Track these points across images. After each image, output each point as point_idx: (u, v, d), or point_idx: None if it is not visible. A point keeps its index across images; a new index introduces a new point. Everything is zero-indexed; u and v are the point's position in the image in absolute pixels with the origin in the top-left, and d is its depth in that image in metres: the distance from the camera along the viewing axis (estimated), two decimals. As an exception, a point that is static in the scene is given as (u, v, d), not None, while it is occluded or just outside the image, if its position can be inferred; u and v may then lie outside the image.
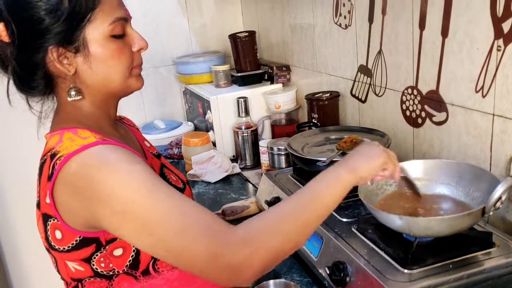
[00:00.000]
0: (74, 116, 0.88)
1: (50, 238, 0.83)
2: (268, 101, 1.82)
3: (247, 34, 1.94)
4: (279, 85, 1.90)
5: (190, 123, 2.14)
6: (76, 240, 0.80)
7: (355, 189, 1.06)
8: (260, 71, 1.96)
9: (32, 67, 0.83)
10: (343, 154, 1.21)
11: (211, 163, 1.76)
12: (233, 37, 1.95)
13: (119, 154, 0.77)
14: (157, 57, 2.19)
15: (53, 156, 0.79)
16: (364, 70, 1.44)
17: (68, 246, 0.81)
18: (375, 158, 0.86)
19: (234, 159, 1.84)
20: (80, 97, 0.86)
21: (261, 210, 1.38)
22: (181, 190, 0.96)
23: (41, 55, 0.82)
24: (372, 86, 1.41)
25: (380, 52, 1.34)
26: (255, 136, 1.79)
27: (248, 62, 1.96)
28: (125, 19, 0.87)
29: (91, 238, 0.80)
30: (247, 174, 1.74)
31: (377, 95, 1.40)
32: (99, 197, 0.73)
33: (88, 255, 0.81)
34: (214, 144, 1.88)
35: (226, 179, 1.72)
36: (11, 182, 2.09)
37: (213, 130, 1.87)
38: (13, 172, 2.07)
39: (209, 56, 2.12)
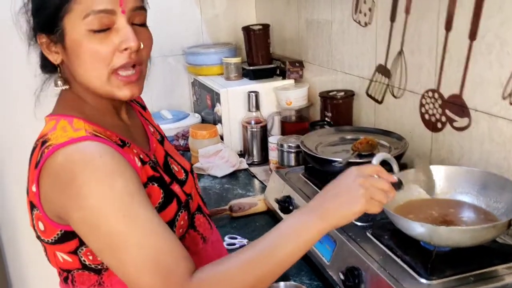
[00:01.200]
0: (77, 101, 0.84)
1: (35, 228, 0.81)
2: (279, 96, 1.78)
3: (261, 27, 1.90)
4: (291, 81, 1.86)
5: (197, 114, 2.10)
6: (58, 234, 0.78)
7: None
8: (272, 65, 1.92)
9: (41, 52, 0.84)
10: (359, 155, 1.18)
11: (218, 157, 1.72)
12: (247, 30, 1.91)
13: (105, 158, 0.74)
14: (166, 46, 2.14)
15: (43, 143, 0.77)
16: (382, 70, 1.40)
17: (52, 239, 0.79)
18: (353, 203, 0.74)
19: (241, 154, 1.80)
20: (67, 86, 0.84)
21: (269, 208, 1.35)
22: (183, 182, 0.92)
23: (34, 40, 0.82)
24: (390, 87, 1.37)
25: (401, 52, 1.30)
26: (264, 132, 1.75)
27: (260, 55, 1.91)
28: (110, 11, 0.76)
29: (73, 232, 0.77)
30: (254, 170, 1.70)
31: (394, 96, 1.36)
32: (74, 199, 0.72)
33: (73, 248, 0.79)
34: (221, 137, 1.84)
35: (233, 174, 1.68)
36: (13, 171, 2.06)
37: (221, 123, 1.83)
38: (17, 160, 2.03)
39: (220, 47, 2.08)
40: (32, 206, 0.80)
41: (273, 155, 1.63)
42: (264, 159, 1.74)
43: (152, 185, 0.82)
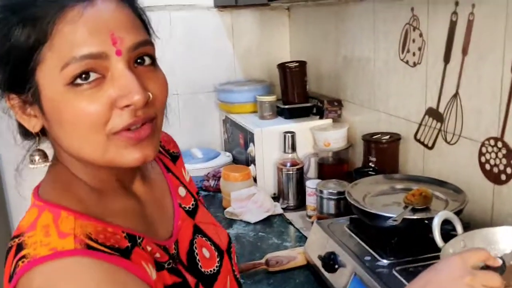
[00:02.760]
0: (68, 180, 0.64)
1: None
2: (317, 137, 1.68)
3: (297, 64, 1.82)
4: (329, 121, 1.76)
5: (228, 153, 2.01)
6: None
7: (433, 249, 0.91)
8: (308, 104, 1.83)
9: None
10: (414, 210, 1.06)
11: (251, 201, 1.62)
12: (282, 67, 1.83)
13: (98, 285, 0.54)
14: (197, 82, 2.08)
15: (18, 248, 0.57)
16: (433, 113, 1.29)
17: None
18: None
19: (275, 198, 1.70)
20: (47, 163, 0.63)
21: (309, 262, 1.23)
22: (213, 277, 0.74)
23: (4, 102, 0.61)
24: (443, 132, 1.26)
25: (456, 95, 1.19)
26: (301, 175, 1.64)
27: (296, 93, 1.83)
28: (100, 55, 0.56)
29: None
30: (290, 216, 1.59)
31: (448, 142, 1.25)
32: None
33: None
34: (254, 179, 1.74)
35: (267, 220, 1.57)
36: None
37: (254, 164, 1.74)
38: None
39: (254, 85, 2.00)
40: None
41: (310, 201, 1.52)
42: (300, 204, 1.63)
43: None
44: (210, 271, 0.75)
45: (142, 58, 0.60)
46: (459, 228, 0.89)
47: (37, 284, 0.54)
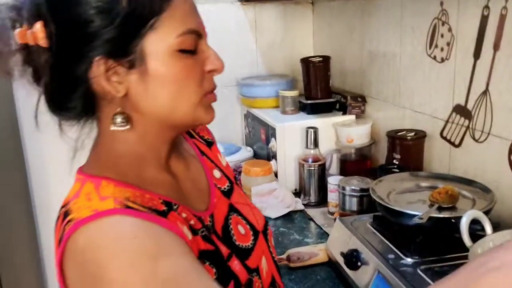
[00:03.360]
0: (111, 153, 0.69)
1: None
2: (340, 133, 1.66)
3: (321, 59, 1.80)
4: (352, 117, 1.74)
5: (249, 148, 2.00)
6: None
7: (458, 249, 0.89)
8: (332, 99, 1.81)
9: (71, 82, 0.64)
10: (439, 208, 1.04)
11: (272, 197, 1.61)
12: (306, 62, 1.81)
13: (139, 238, 0.58)
14: (219, 76, 2.07)
15: (65, 214, 0.62)
16: (461, 110, 1.26)
17: None
18: None
19: (296, 193, 1.69)
20: (127, 126, 0.67)
21: (330, 259, 1.22)
22: (247, 252, 0.76)
23: (84, 67, 0.63)
24: (471, 129, 1.23)
25: (485, 92, 1.16)
26: (323, 171, 1.63)
27: (319, 89, 1.80)
28: (199, 34, 0.67)
29: None
30: (311, 212, 1.57)
31: (476, 140, 1.21)
32: None
33: None
34: (275, 174, 1.73)
35: (288, 216, 1.56)
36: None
37: (275, 159, 1.73)
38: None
39: (277, 79, 1.99)
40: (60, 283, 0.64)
41: (332, 197, 1.50)
42: (321, 200, 1.62)
43: (203, 263, 0.66)
44: (245, 245, 0.77)
45: None
46: (488, 228, 0.86)
47: (81, 243, 0.58)
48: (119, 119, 0.67)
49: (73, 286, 0.61)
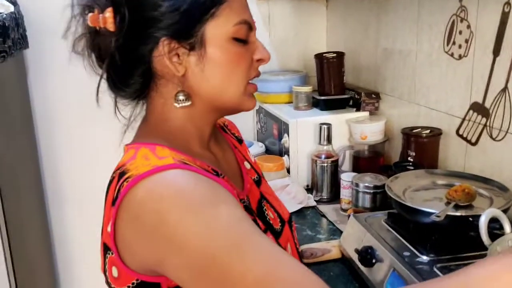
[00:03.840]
0: (161, 129, 0.75)
1: (107, 274, 0.69)
2: (354, 130, 1.65)
3: (335, 55, 1.79)
4: (366, 113, 1.73)
5: (261, 144, 2.00)
6: (133, 283, 0.66)
7: (475, 248, 0.88)
8: (345, 96, 1.80)
9: (135, 60, 0.72)
10: (456, 206, 1.03)
11: (284, 192, 1.60)
12: (320, 57, 1.80)
13: (200, 187, 0.62)
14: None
15: (121, 175, 0.66)
16: (478, 108, 1.24)
17: None
18: None
19: (308, 189, 1.68)
20: (189, 103, 0.74)
21: (344, 255, 1.21)
22: (278, 233, 0.80)
23: (150, 47, 0.70)
24: (488, 127, 1.22)
25: (505, 89, 1.15)
26: (335, 167, 1.62)
27: (333, 85, 1.80)
28: (251, 26, 0.75)
29: (151, 283, 0.66)
30: (323, 208, 1.57)
31: (493, 139, 1.20)
32: (170, 242, 0.59)
33: None
34: (288, 170, 1.73)
35: (300, 212, 1.56)
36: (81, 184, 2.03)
37: (288, 155, 1.72)
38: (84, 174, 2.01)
39: (290, 75, 1.98)
40: (106, 249, 0.68)
41: (345, 194, 1.50)
42: (333, 197, 1.61)
43: None
44: (276, 228, 0.82)
45: None
46: (507, 227, 0.85)
47: (140, 195, 0.62)
48: (181, 97, 0.73)
49: (128, 241, 0.64)
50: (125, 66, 0.71)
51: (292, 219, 0.90)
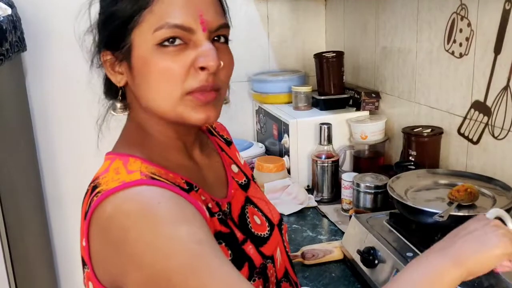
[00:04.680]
0: (139, 135, 0.74)
1: None
2: (354, 129, 1.64)
3: (334, 54, 1.78)
4: (366, 113, 1.72)
5: (261, 144, 1.99)
6: None
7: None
8: (345, 95, 1.79)
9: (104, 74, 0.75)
10: (459, 206, 1.02)
11: (285, 193, 1.60)
12: (319, 57, 1.79)
13: (163, 206, 0.61)
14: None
15: (94, 188, 0.66)
16: (479, 106, 1.24)
17: None
18: (492, 245, 0.64)
19: (309, 190, 1.67)
20: (126, 112, 0.74)
21: (346, 256, 1.21)
22: (263, 240, 0.78)
23: (98, 58, 0.73)
24: (490, 126, 1.21)
25: (507, 88, 1.14)
26: (336, 167, 1.61)
27: (332, 85, 1.79)
28: (188, 29, 0.66)
29: None
30: (324, 209, 1.56)
31: (495, 137, 1.19)
32: (130, 259, 0.59)
33: None
34: (288, 171, 1.72)
35: (301, 213, 1.55)
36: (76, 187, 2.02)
37: (288, 155, 1.71)
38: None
39: (289, 75, 1.97)
40: (83, 263, 0.68)
41: (346, 194, 1.49)
42: (334, 197, 1.60)
43: (219, 244, 0.67)
44: (261, 234, 0.79)
45: (219, 36, 0.70)
46: (511, 226, 0.84)
47: (108, 211, 0.61)
48: (118, 104, 0.73)
49: (96, 254, 0.64)
50: (104, 76, 0.76)
51: (283, 222, 0.88)
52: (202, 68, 0.66)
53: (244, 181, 0.86)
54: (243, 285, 0.57)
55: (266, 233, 0.79)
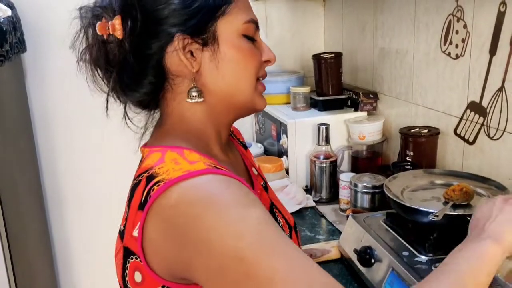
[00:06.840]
0: (180, 131, 0.75)
1: (127, 279, 0.68)
2: (352, 130, 1.65)
3: (333, 55, 1.79)
4: (364, 113, 1.73)
5: (260, 145, 2.00)
6: None
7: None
8: (343, 96, 1.80)
9: (148, 58, 0.71)
10: (454, 206, 1.03)
11: (283, 193, 1.61)
12: (317, 58, 1.80)
13: (232, 191, 0.62)
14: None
15: (149, 178, 0.65)
16: (475, 107, 1.25)
17: None
18: None
19: (307, 190, 1.69)
20: (201, 99, 0.73)
21: (343, 255, 1.22)
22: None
23: (162, 43, 0.71)
24: (486, 127, 1.22)
25: (501, 89, 1.15)
26: (334, 168, 1.62)
27: (331, 85, 1.80)
28: (257, 25, 0.76)
29: None
30: (322, 209, 1.57)
31: (491, 138, 1.21)
32: (199, 245, 0.59)
33: None
34: (286, 171, 1.73)
35: (299, 213, 1.56)
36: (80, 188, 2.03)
37: (286, 156, 1.72)
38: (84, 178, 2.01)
39: (288, 76, 1.98)
40: (128, 254, 0.67)
41: (344, 194, 1.50)
42: (332, 197, 1.61)
43: None
44: (287, 234, 0.80)
45: None
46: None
47: (174, 201, 0.61)
48: (194, 93, 0.73)
49: (153, 244, 0.64)
50: (138, 65, 0.71)
51: (297, 226, 0.91)
52: (266, 61, 0.78)
53: (263, 183, 0.89)
54: (310, 262, 0.58)
55: (288, 235, 0.82)
